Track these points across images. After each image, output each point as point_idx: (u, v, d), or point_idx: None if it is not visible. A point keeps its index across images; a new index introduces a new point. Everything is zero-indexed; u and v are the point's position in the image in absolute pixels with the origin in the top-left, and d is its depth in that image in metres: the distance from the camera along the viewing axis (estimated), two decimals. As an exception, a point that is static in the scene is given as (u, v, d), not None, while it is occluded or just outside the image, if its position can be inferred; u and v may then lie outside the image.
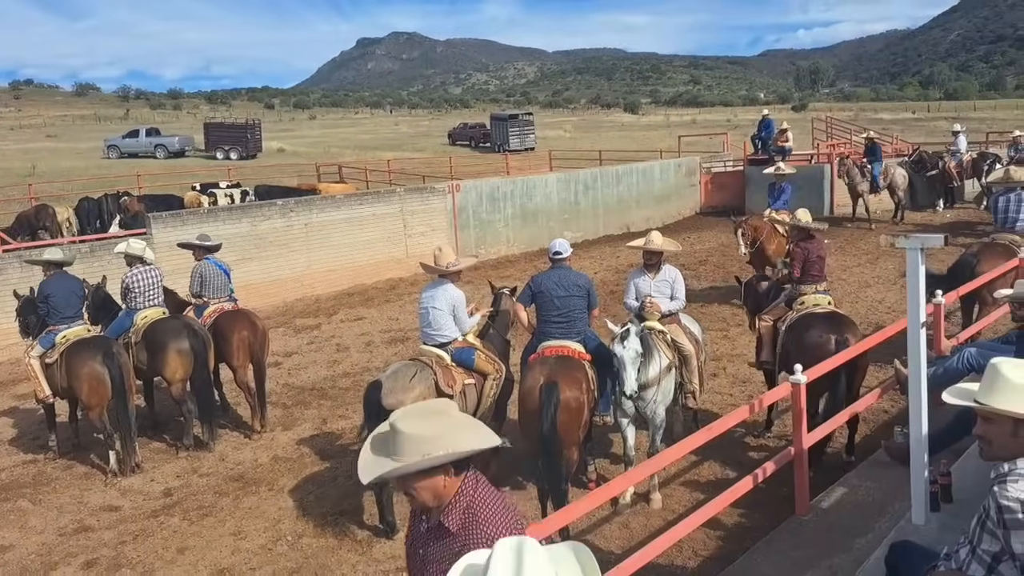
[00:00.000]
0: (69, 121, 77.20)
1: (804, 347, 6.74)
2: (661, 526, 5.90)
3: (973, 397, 2.83)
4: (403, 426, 2.42)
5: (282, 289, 14.96)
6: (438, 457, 2.40)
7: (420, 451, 2.40)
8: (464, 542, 2.41)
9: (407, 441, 2.40)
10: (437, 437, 2.43)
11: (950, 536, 3.68)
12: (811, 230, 7.67)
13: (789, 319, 7.22)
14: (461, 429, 2.50)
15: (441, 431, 2.44)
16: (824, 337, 6.76)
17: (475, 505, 2.47)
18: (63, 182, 28.45)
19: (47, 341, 7.87)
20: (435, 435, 2.43)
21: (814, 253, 7.46)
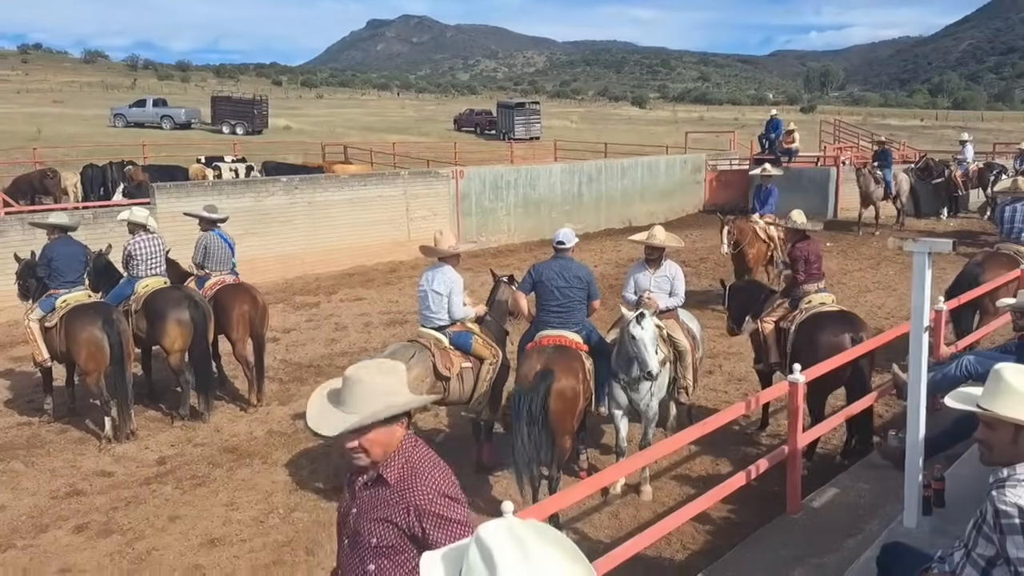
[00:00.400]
0: (76, 88, 76.84)
1: (819, 347, 6.72)
2: (651, 518, 5.93)
3: (976, 402, 2.84)
4: (366, 376, 2.54)
5: (283, 266, 14.96)
6: (400, 405, 2.54)
7: (383, 401, 2.51)
8: (402, 493, 2.51)
9: (369, 392, 2.52)
10: (397, 386, 2.59)
11: (941, 540, 3.70)
12: (807, 231, 7.68)
13: (797, 319, 7.18)
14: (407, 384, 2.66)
15: (398, 383, 2.60)
16: (840, 336, 6.78)
17: (414, 459, 2.58)
18: (68, 148, 28.33)
19: (47, 305, 7.87)
20: (394, 385, 2.58)
21: (812, 253, 7.48)
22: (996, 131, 49.76)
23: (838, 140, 29.18)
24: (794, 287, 7.51)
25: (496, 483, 6.79)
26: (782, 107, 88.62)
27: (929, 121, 70.74)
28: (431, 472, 2.56)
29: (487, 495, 6.55)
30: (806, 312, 7.19)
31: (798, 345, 7.01)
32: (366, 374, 2.56)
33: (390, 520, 2.53)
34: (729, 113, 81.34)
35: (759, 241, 12.24)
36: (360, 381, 2.53)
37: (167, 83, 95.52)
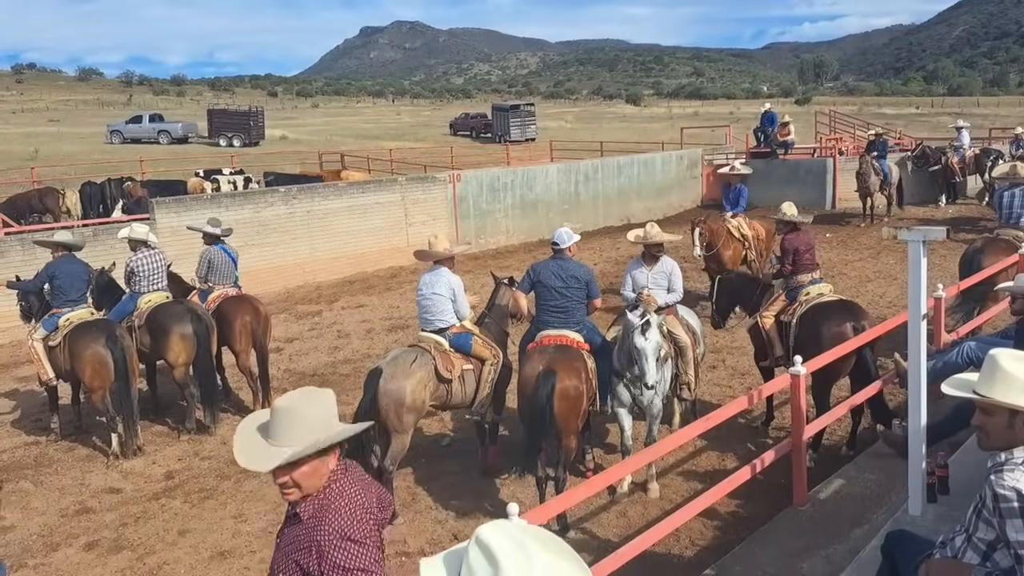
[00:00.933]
0: (72, 106, 76.95)
1: (822, 338, 6.74)
2: (658, 515, 5.94)
3: (972, 388, 2.86)
4: (297, 407, 2.44)
5: (284, 276, 15.00)
6: (332, 436, 2.44)
7: (315, 433, 2.40)
8: (309, 531, 2.37)
9: (301, 423, 2.40)
10: (329, 416, 2.48)
11: (946, 527, 3.72)
12: (796, 223, 7.66)
13: (798, 312, 7.18)
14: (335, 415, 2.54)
15: (329, 412, 2.50)
16: (842, 326, 6.80)
17: (331, 493, 2.44)
18: (66, 166, 28.41)
19: (50, 324, 7.90)
20: (326, 415, 2.47)
21: (803, 244, 7.47)
22: (992, 116, 49.75)
23: (834, 131, 29.19)
24: (787, 278, 7.51)
25: (503, 486, 6.80)
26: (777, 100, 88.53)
27: (925, 108, 70.69)
28: (340, 510, 2.38)
29: (493, 497, 6.57)
30: (806, 304, 7.19)
31: (801, 337, 7.01)
32: (297, 404, 2.45)
33: (297, 561, 2.38)
34: (724, 108, 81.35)
35: (734, 241, 11.95)
36: (291, 412, 2.41)
37: (163, 98, 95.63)
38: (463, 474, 7.05)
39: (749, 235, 12.02)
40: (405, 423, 6.16)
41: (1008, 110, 62.01)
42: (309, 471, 2.42)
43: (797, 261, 7.42)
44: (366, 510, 2.46)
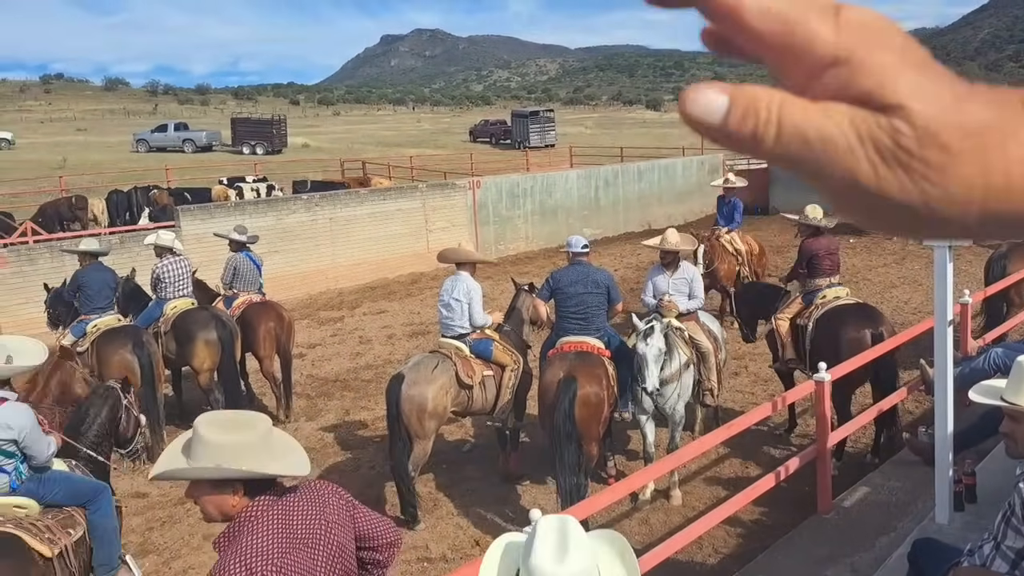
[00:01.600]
0: (99, 115, 78.15)
1: (840, 342, 6.70)
2: (681, 522, 5.91)
3: (1000, 395, 2.83)
4: (204, 431, 2.33)
5: (307, 282, 15.11)
6: (230, 471, 2.28)
7: (214, 460, 2.29)
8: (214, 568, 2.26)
9: (205, 447, 2.31)
10: (235, 451, 2.31)
11: (974, 536, 3.67)
12: (820, 227, 7.52)
13: (814, 315, 7.11)
14: (265, 449, 2.36)
15: (242, 445, 2.32)
16: (861, 331, 6.74)
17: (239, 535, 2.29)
18: (93, 175, 28.85)
19: (78, 330, 8.02)
20: (234, 448, 2.31)
21: (822, 249, 7.37)
22: (1018, 119, 49.05)
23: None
24: (805, 282, 7.45)
25: (524, 492, 6.81)
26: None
27: (949, 112, 69.82)
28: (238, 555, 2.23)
29: (515, 503, 6.57)
30: (823, 307, 7.11)
31: (817, 341, 6.94)
32: (208, 430, 2.35)
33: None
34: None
35: (728, 256, 11.65)
36: (199, 435, 2.34)
37: (187, 107, 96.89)
38: (484, 480, 7.06)
39: (743, 250, 11.55)
40: (427, 429, 6.18)
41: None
42: (207, 498, 2.33)
43: (815, 265, 7.34)
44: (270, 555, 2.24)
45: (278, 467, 2.37)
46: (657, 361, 5.92)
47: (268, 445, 2.39)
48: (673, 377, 6.29)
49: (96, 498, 4.61)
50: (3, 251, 12.71)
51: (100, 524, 4.59)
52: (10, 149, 44.38)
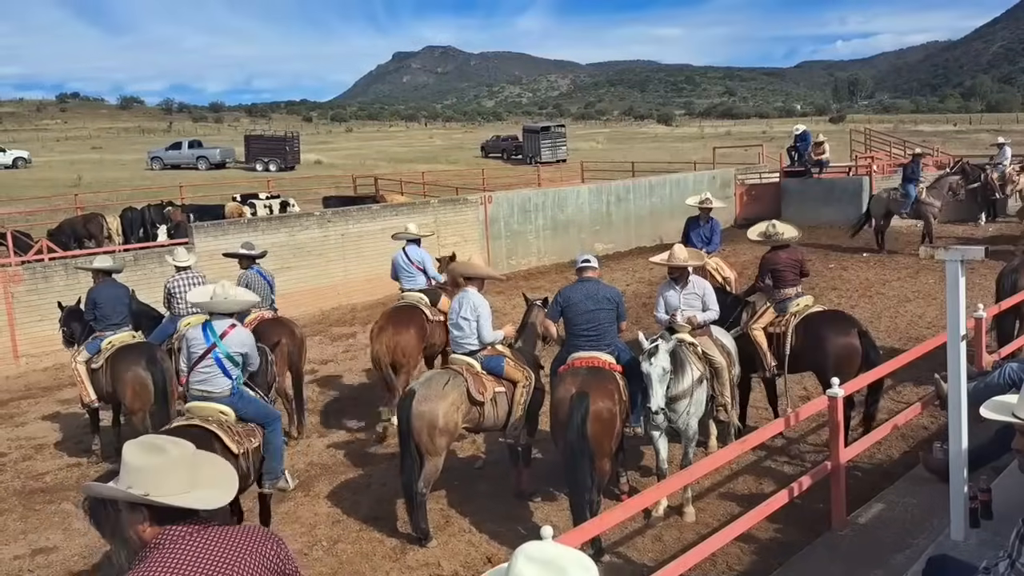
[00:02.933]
0: (114, 133, 78.99)
1: (830, 346, 7.20)
2: (694, 539, 5.87)
3: (1012, 411, 2.81)
4: (125, 451, 2.32)
5: (319, 298, 15.17)
6: (131, 495, 2.25)
7: (127, 482, 2.27)
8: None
9: (124, 467, 2.30)
10: (145, 474, 2.27)
11: (990, 553, 3.63)
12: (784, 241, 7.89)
13: (792, 322, 7.49)
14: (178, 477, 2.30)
15: (153, 470, 2.28)
16: (850, 334, 7.25)
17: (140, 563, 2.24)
18: (108, 192, 29.13)
19: (93, 347, 8.09)
20: (145, 471, 2.27)
21: (782, 262, 7.72)
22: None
23: (869, 149, 28.88)
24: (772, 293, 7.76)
25: (536, 509, 6.78)
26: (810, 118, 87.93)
27: (963, 126, 69.68)
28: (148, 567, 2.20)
29: (527, 520, 6.55)
30: (799, 315, 7.52)
31: (800, 347, 7.36)
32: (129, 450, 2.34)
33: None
34: (756, 127, 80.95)
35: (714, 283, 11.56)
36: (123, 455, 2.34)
37: (201, 125, 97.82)
38: (496, 497, 7.04)
39: (731, 277, 11.06)
40: (438, 445, 6.17)
41: (1049, 126, 60.85)
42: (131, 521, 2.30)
43: (780, 277, 7.70)
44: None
45: (183, 498, 2.28)
46: (662, 381, 5.89)
47: (183, 473, 2.31)
48: (686, 393, 6.26)
49: (272, 421, 6.02)
50: (19, 268, 12.84)
51: (272, 441, 5.95)
52: (27, 167, 44.92)
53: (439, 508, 6.83)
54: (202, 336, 5.87)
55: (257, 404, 5.99)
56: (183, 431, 5.37)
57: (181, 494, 2.28)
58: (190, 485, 2.31)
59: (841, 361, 7.15)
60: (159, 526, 2.28)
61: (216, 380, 5.81)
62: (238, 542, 2.34)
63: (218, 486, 2.41)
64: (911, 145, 27.99)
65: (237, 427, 5.70)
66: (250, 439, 5.73)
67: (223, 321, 5.96)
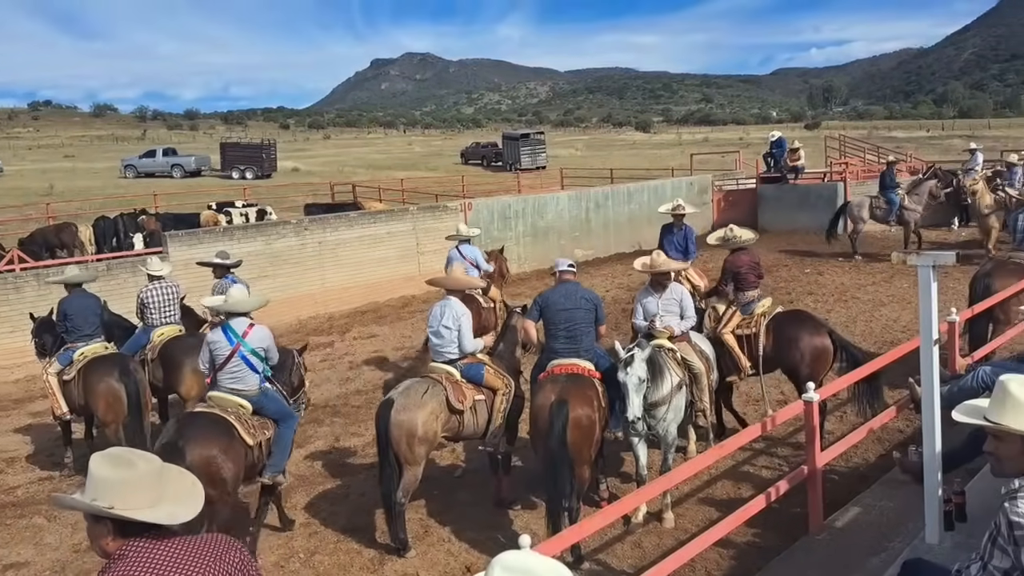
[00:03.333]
0: (87, 141, 78.11)
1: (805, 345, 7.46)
2: (674, 545, 5.87)
3: (983, 415, 2.83)
4: (92, 464, 2.31)
5: (296, 307, 15.06)
6: (96, 507, 2.24)
7: (92, 494, 2.26)
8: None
9: (90, 480, 2.29)
10: (110, 487, 2.26)
11: (964, 555, 3.65)
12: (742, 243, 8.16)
13: (763, 323, 7.72)
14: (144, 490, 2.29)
15: (119, 483, 2.27)
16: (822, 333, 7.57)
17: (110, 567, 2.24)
18: (80, 201, 28.79)
19: (65, 358, 7.97)
20: (110, 484, 2.26)
21: (745, 264, 7.93)
22: (1004, 138, 49.64)
23: (844, 155, 29.21)
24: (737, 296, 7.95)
25: (515, 517, 6.76)
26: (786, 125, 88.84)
27: (935, 131, 70.65)
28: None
29: (506, 529, 6.53)
30: (768, 316, 7.75)
31: (771, 348, 7.57)
32: (95, 462, 2.32)
33: None
34: (733, 133, 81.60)
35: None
36: (89, 467, 2.32)
37: (176, 132, 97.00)
38: (476, 505, 7.00)
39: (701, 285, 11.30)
40: (417, 454, 6.14)
41: (1020, 132, 61.89)
42: (93, 534, 2.32)
43: (742, 279, 7.87)
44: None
45: (149, 513, 2.27)
46: (638, 390, 5.90)
47: (149, 487, 2.31)
48: (665, 399, 6.27)
49: (287, 418, 6.36)
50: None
51: (284, 436, 6.27)
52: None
53: (418, 518, 6.79)
54: (224, 338, 6.15)
55: (277, 402, 6.35)
56: (203, 416, 5.92)
57: (147, 508, 2.27)
58: (156, 499, 2.31)
59: (816, 361, 7.42)
60: (123, 539, 2.28)
61: (247, 378, 6.15)
62: (202, 552, 2.36)
63: (183, 501, 2.39)
64: (885, 152, 28.41)
65: (252, 420, 6.07)
66: (263, 431, 6.10)
67: (241, 321, 6.26)
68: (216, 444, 5.68)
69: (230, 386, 6.11)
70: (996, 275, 9.07)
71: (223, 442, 5.72)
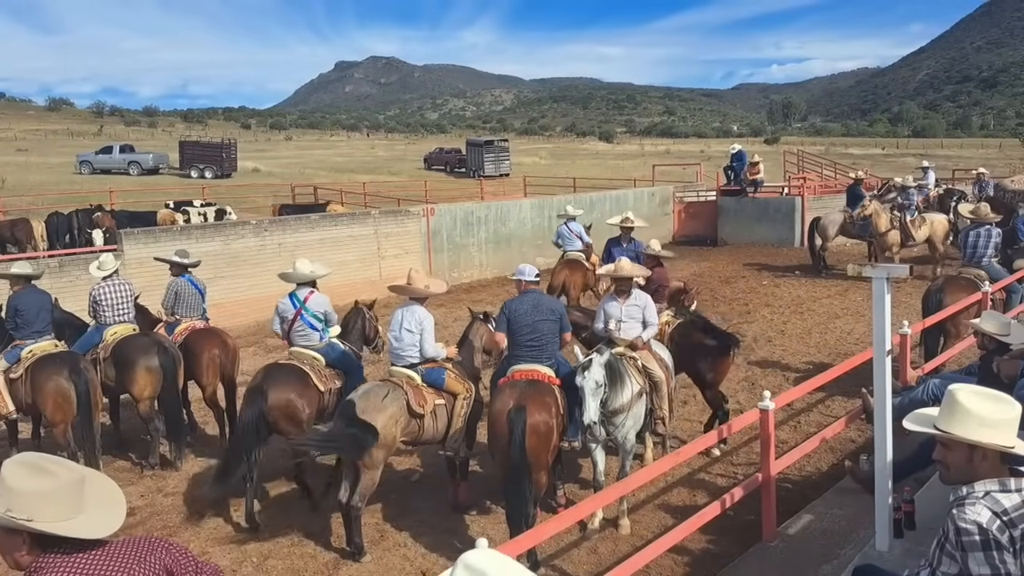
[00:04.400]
0: (41, 136, 76.27)
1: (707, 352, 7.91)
2: (629, 551, 5.90)
3: (933, 423, 2.90)
4: (6, 471, 2.18)
5: (254, 308, 14.82)
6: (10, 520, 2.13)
7: (6, 505, 2.13)
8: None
9: (3, 488, 2.16)
10: (26, 498, 2.14)
11: (912, 562, 3.73)
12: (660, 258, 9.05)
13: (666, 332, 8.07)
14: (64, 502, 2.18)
15: (36, 494, 2.15)
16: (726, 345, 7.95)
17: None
18: (33, 196, 28.08)
19: (12, 356, 7.73)
20: (27, 495, 2.14)
21: (664, 278, 8.73)
22: (955, 158, 51.10)
23: (802, 170, 29.77)
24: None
25: (472, 522, 6.73)
26: (746, 139, 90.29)
27: (890, 149, 72.42)
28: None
29: (463, 534, 6.50)
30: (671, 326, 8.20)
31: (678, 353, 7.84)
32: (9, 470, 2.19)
33: None
34: (695, 146, 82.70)
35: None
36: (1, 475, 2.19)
37: (134, 129, 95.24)
38: (433, 511, 6.96)
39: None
40: (375, 459, 6.08)
41: (971, 151, 63.79)
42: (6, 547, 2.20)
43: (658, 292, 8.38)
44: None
45: (66, 526, 2.16)
46: (595, 395, 5.92)
47: (69, 496, 2.20)
48: (625, 407, 6.30)
49: (354, 370, 7.46)
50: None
51: (351, 386, 7.00)
52: (-53, 169, 43.02)
53: (374, 522, 6.73)
54: (290, 303, 7.41)
55: (344, 355, 7.42)
56: (283, 366, 7.06)
57: (65, 520, 2.17)
58: (76, 510, 2.20)
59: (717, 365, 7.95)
60: (40, 551, 2.18)
61: (309, 335, 7.35)
62: (123, 557, 2.28)
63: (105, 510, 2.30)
64: (843, 168, 29.00)
65: (325, 371, 7.18)
66: (334, 381, 7.20)
67: (304, 289, 7.45)
68: (293, 389, 6.80)
69: (300, 343, 7.28)
70: (948, 290, 9.32)
71: (299, 387, 6.84)
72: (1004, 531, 2.64)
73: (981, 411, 2.80)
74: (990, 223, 10.00)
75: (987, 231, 9.85)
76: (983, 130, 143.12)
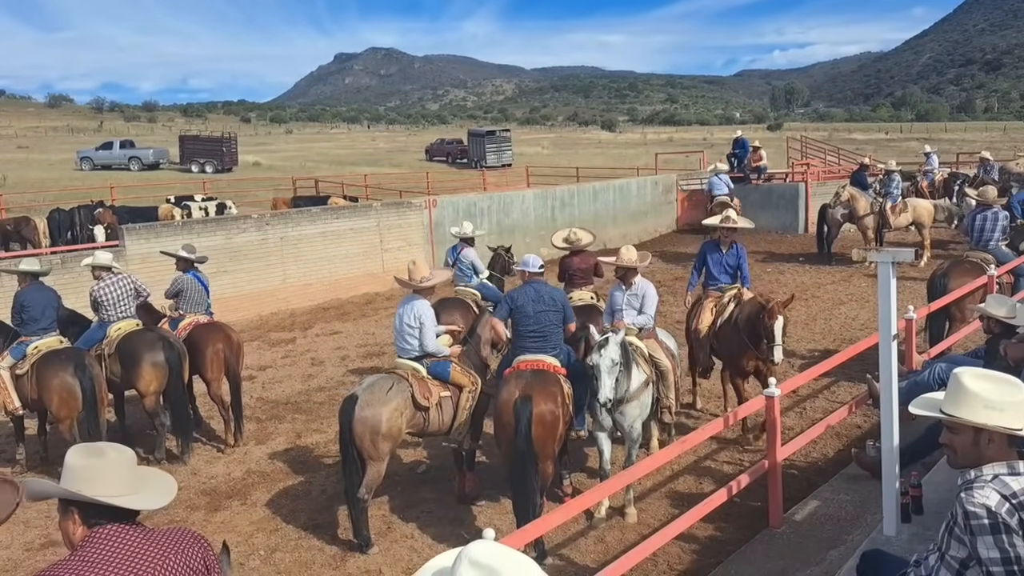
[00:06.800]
0: (42, 132, 76.31)
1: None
2: (636, 540, 5.89)
3: (939, 407, 2.89)
4: (68, 455, 2.36)
5: (257, 303, 14.86)
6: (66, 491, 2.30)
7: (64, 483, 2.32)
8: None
9: (64, 470, 2.34)
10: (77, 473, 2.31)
11: (921, 547, 3.73)
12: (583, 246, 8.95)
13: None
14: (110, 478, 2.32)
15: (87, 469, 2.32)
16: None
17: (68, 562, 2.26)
18: (34, 193, 28.11)
19: (18, 352, 7.75)
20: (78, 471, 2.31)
21: (574, 265, 8.83)
22: (959, 141, 50.90)
23: (805, 156, 29.66)
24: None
25: (479, 513, 6.74)
26: (749, 126, 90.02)
27: (894, 134, 72.12)
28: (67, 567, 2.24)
29: (470, 525, 6.51)
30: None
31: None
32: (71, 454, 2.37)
33: None
34: (698, 133, 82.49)
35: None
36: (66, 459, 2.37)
37: (134, 124, 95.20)
38: (439, 502, 6.97)
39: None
40: (381, 451, 6.09)
41: (975, 135, 63.51)
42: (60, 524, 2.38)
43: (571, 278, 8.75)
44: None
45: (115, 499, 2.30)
46: (611, 372, 5.92)
47: (117, 474, 2.35)
48: (633, 395, 6.30)
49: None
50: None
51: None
52: (-51, 167, 43.07)
53: (381, 514, 6.74)
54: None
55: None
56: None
57: (113, 495, 2.32)
58: (125, 489, 2.35)
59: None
60: (88, 528, 2.32)
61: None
62: (164, 544, 2.39)
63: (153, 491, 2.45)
64: (846, 153, 28.90)
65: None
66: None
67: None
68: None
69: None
70: (953, 274, 9.28)
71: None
72: (1013, 514, 2.62)
73: (987, 394, 2.78)
74: (997, 206, 9.95)
75: (994, 214, 9.81)
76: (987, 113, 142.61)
